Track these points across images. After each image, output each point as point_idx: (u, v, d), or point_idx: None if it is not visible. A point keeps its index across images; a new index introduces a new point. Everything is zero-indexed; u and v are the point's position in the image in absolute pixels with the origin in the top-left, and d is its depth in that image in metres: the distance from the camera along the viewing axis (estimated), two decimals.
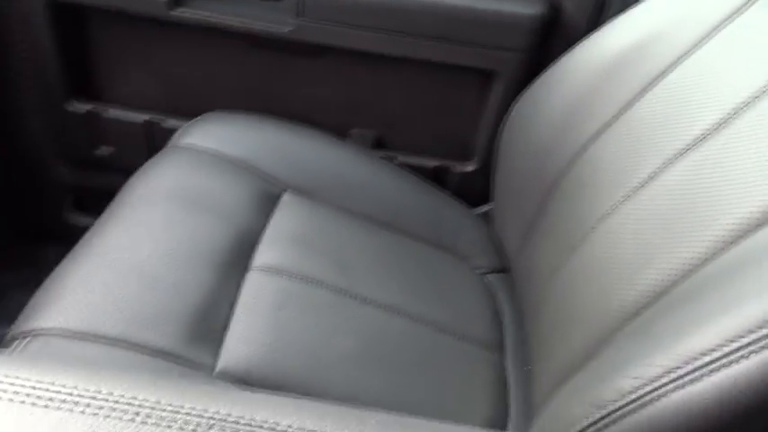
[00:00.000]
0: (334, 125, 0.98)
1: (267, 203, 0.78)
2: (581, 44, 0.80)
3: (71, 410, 0.33)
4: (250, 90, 0.99)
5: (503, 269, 0.85)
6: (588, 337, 0.58)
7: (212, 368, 0.59)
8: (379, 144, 1.02)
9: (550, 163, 0.76)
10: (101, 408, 0.32)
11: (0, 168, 1.10)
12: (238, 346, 0.61)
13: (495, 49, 0.90)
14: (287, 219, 0.76)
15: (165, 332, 0.59)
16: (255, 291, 0.66)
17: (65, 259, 0.68)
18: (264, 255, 0.70)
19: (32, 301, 0.63)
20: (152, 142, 0.99)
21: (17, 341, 0.58)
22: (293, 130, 0.89)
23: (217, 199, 0.74)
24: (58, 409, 0.33)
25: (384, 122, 1.01)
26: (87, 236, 0.71)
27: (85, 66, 0.99)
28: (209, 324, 0.62)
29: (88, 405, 0.32)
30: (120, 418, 0.32)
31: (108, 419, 0.32)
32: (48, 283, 0.65)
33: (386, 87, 0.98)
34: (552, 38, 0.91)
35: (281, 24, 0.89)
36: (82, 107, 1.00)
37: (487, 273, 0.85)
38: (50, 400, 0.32)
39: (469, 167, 1.02)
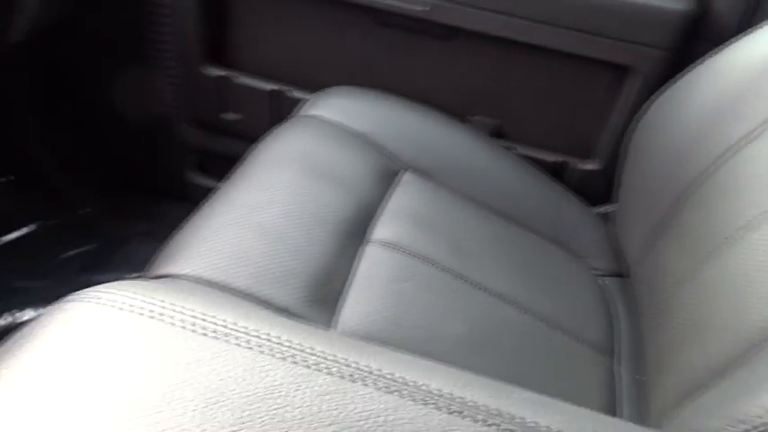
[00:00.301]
0: (455, 109, 0.97)
1: (387, 180, 0.78)
2: (728, 47, 0.75)
3: (228, 342, 0.34)
4: (375, 66, 0.99)
5: (620, 273, 0.82)
6: (720, 351, 0.54)
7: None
8: (498, 134, 1.01)
9: (684, 170, 0.72)
10: (259, 345, 0.33)
11: (129, 124, 1.17)
12: (356, 314, 0.61)
13: (634, 43, 0.86)
14: (408, 197, 0.76)
15: (287, 291, 0.60)
16: (373, 263, 0.67)
17: (194, 214, 0.71)
18: (383, 229, 0.71)
19: (165, 250, 0.66)
20: (276, 111, 1.02)
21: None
22: (417, 109, 0.89)
23: (340, 170, 0.75)
24: (216, 339, 0.34)
25: (506, 111, 0.99)
26: (216, 194, 0.73)
27: (222, 33, 1.03)
28: (328, 289, 0.63)
29: (247, 341, 0.33)
30: (273, 356, 0.33)
31: (262, 355, 0.33)
32: (179, 234, 0.68)
33: (512, 75, 0.96)
34: (697, 37, 0.87)
35: (416, 4, 0.89)
36: (215, 72, 1.03)
37: (604, 275, 0.82)
38: (213, 331, 0.34)
39: (590, 166, 0.98)
